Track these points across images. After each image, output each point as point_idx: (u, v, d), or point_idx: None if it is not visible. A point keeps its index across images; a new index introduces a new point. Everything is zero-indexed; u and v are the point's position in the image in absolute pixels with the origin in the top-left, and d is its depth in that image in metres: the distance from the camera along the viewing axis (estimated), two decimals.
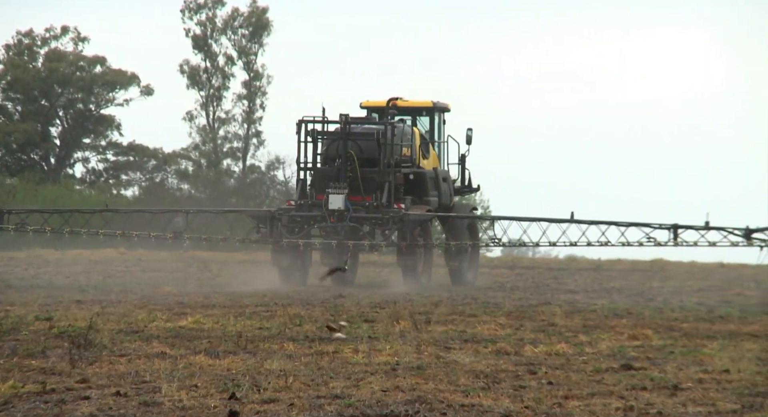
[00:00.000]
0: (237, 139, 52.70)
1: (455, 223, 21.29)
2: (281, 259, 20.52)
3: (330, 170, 20.40)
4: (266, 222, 20.56)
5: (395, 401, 7.31)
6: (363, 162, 20.30)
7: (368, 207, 20.21)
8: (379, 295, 16.46)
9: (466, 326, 11.79)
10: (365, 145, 20.39)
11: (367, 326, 11.67)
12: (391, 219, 20.12)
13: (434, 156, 22.22)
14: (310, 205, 20.31)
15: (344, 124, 20.37)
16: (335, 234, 20.07)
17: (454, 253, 21.12)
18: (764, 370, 8.79)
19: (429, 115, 22.36)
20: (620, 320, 12.62)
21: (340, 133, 20.37)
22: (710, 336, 11.14)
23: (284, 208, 20.65)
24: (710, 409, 7.18)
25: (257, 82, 52.33)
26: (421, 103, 22.35)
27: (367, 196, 20.16)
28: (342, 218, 20.00)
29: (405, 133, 21.05)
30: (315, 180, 20.60)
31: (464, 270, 21.45)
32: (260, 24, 52.03)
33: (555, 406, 7.24)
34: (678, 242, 20.10)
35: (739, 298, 16.95)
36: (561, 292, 18.12)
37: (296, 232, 20.32)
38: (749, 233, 20.02)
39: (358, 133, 20.46)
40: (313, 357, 9.29)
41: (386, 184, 20.32)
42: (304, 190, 20.50)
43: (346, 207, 20.05)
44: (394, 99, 21.83)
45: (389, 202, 20.28)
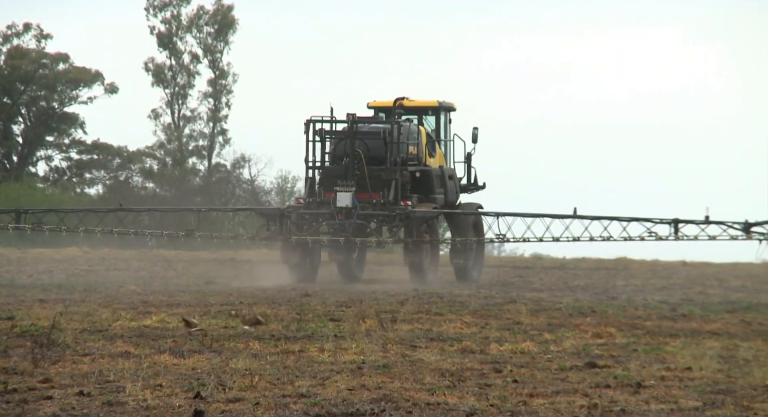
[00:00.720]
0: (202, 137, 52.44)
1: (461, 220, 21.62)
2: (290, 256, 20.92)
3: (338, 169, 20.80)
4: (276, 220, 20.91)
5: (361, 400, 7.31)
6: (370, 160, 20.73)
7: (375, 204, 20.65)
8: (345, 294, 16.45)
9: (432, 325, 11.82)
10: (372, 144, 20.80)
11: (333, 325, 11.66)
12: (398, 216, 20.53)
13: (440, 154, 22.63)
14: (318, 202, 20.72)
15: (351, 123, 20.76)
16: (343, 231, 20.43)
17: (460, 251, 21.47)
18: (725, 367, 8.89)
19: (435, 114, 22.79)
20: (585, 318, 12.71)
21: (348, 132, 20.77)
22: (673, 334, 11.25)
23: (293, 206, 21.08)
24: (672, 406, 7.25)
25: (223, 81, 52.08)
26: (427, 103, 22.78)
27: (374, 193, 20.61)
28: (350, 215, 20.41)
29: (411, 132, 21.44)
30: (323, 178, 20.99)
31: (469, 267, 21.72)
32: (225, 22, 51.78)
33: (520, 404, 7.27)
34: (679, 236, 20.46)
35: (701, 296, 17.12)
36: (526, 290, 18.21)
37: (305, 229, 20.69)
38: (748, 227, 20.38)
39: (366, 132, 20.88)
40: (278, 356, 9.27)
41: (393, 181, 20.74)
42: (312, 188, 20.92)
43: (354, 204, 20.46)
44: (401, 99, 22.33)
45: (396, 200, 20.71)
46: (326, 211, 20.60)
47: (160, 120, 52.30)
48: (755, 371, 8.52)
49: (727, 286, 19.81)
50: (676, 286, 19.83)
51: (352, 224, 20.39)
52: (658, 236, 20.46)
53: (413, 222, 20.66)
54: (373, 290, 17.58)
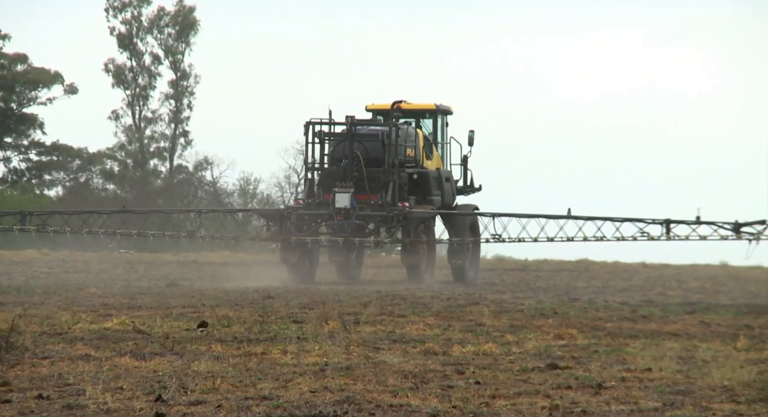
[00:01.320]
0: (164, 139, 52.09)
1: (458, 221, 22.05)
2: (290, 256, 21.25)
3: (336, 170, 21.17)
4: (276, 220, 21.30)
5: (324, 402, 7.30)
6: (368, 162, 21.15)
7: (374, 205, 21.03)
8: (308, 296, 16.42)
9: (395, 326, 11.83)
10: (370, 146, 21.23)
11: (295, 327, 11.64)
12: (396, 217, 20.95)
13: (437, 157, 23.07)
14: (317, 203, 21.11)
15: (350, 125, 21.13)
16: (342, 231, 20.80)
17: (457, 251, 21.87)
18: (685, 368, 8.99)
19: (432, 117, 23.24)
20: (546, 320, 12.78)
21: (347, 135, 21.12)
22: (633, 335, 11.35)
23: (293, 207, 21.48)
24: (633, 407, 7.31)
25: (184, 82, 51.79)
26: (425, 106, 23.20)
27: (372, 195, 20.99)
28: (348, 216, 20.77)
29: (409, 135, 21.84)
30: (322, 179, 21.39)
31: (466, 268, 22.28)
32: (187, 23, 51.49)
33: (482, 406, 7.31)
34: (670, 236, 20.95)
35: (661, 297, 17.29)
36: (488, 292, 18.29)
37: (304, 229, 21.06)
38: (738, 227, 20.90)
39: (364, 135, 21.28)
40: (241, 358, 9.23)
41: (391, 183, 21.15)
42: (311, 189, 21.31)
43: (353, 205, 20.82)
44: (399, 102, 22.78)
45: (394, 201, 21.12)
46: (325, 212, 20.97)
47: (120, 121, 51.93)
48: (714, 372, 8.62)
49: (686, 288, 20.03)
50: (636, 287, 20.03)
51: (350, 225, 20.75)
52: (650, 236, 20.96)
53: (411, 223, 21.10)
54: (336, 292, 17.57)
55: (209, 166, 51.35)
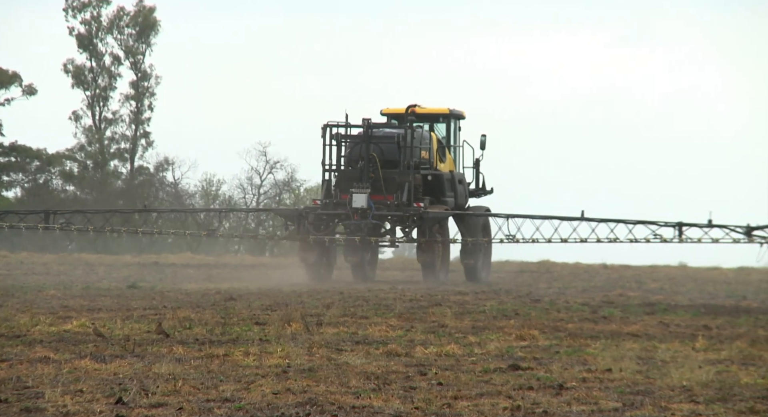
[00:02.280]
0: (124, 139, 51.66)
1: (471, 222, 22.84)
2: (308, 255, 22.03)
3: (353, 171, 22.00)
4: (294, 220, 22.08)
5: (286, 404, 7.28)
6: (384, 164, 21.99)
7: (390, 205, 21.86)
8: (270, 298, 16.37)
9: (358, 328, 11.83)
10: (386, 148, 22.05)
11: (258, 329, 11.59)
12: (411, 217, 21.72)
13: (450, 160, 23.94)
14: (335, 204, 21.89)
15: (367, 128, 21.92)
16: (359, 231, 21.53)
17: (470, 252, 22.71)
18: (644, 368, 9.07)
19: (445, 121, 24.43)
20: (508, 321, 12.85)
21: (364, 137, 21.95)
22: (594, 336, 11.44)
23: (310, 207, 22.24)
24: (593, 407, 7.37)
25: (145, 83, 51.41)
26: (438, 110, 24.07)
27: (388, 195, 21.84)
28: (365, 216, 21.57)
29: (424, 138, 22.70)
30: (339, 180, 22.18)
31: (479, 267, 23.22)
32: (147, 23, 51.11)
33: (444, 407, 7.33)
34: (683, 239, 21.59)
35: (621, 298, 17.44)
36: (451, 293, 18.34)
37: (322, 229, 21.80)
38: (750, 231, 21.49)
39: (380, 137, 22.13)
40: (203, 360, 9.18)
41: (406, 184, 21.97)
42: (329, 190, 22.07)
43: (369, 205, 21.60)
44: (413, 106, 23.59)
45: (409, 201, 21.95)
46: (342, 212, 21.69)
47: (80, 122, 51.44)
48: (673, 372, 8.71)
49: (646, 289, 20.23)
50: (596, 288, 20.19)
51: (367, 224, 21.47)
52: (663, 238, 21.57)
53: (426, 222, 21.85)
54: (299, 294, 17.53)
55: (170, 167, 51.06)
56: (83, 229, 22.48)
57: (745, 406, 7.48)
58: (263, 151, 49.53)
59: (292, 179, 49.99)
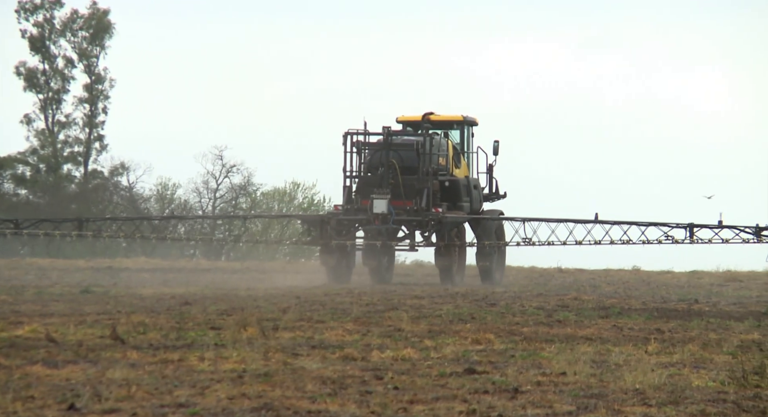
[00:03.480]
0: (78, 143, 51.11)
1: (486, 226, 23.78)
2: (329, 259, 22.85)
3: (373, 178, 22.90)
4: (317, 225, 22.98)
5: (242, 409, 7.25)
6: (403, 170, 22.91)
7: (409, 211, 22.80)
8: (226, 302, 16.28)
9: (314, 332, 11.81)
10: (405, 155, 22.94)
11: (213, 333, 11.52)
12: (430, 221, 22.61)
13: (465, 165, 24.94)
14: (356, 209, 22.77)
15: (386, 135, 22.83)
16: (379, 235, 22.44)
17: (485, 254, 23.55)
18: (598, 372, 9.15)
19: (459, 128, 25.02)
20: (464, 325, 12.90)
21: (383, 144, 22.84)
22: (549, 340, 11.52)
23: (332, 213, 23.09)
24: (548, 411, 7.43)
25: (99, 86, 50.90)
26: (453, 118, 24.94)
27: (407, 201, 22.75)
28: (386, 221, 22.44)
29: (441, 145, 23.60)
30: (360, 187, 23.05)
31: (493, 269, 23.74)
32: (101, 26, 50.63)
33: (400, 411, 7.34)
34: (694, 240, 22.24)
35: (575, 302, 17.58)
36: (408, 297, 18.37)
37: (343, 234, 22.68)
38: (759, 231, 22.16)
39: (399, 144, 23.01)
40: (157, 365, 9.11)
41: (425, 190, 22.85)
42: (350, 196, 22.96)
43: (389, 211, 22.48)
44: (429, 113, 24.52)
45: (428, 207, 22.82)
46: (363, 217, 22.56)
47: (33, 125, 50.77)
48: (626, 375, 8.80)
49: (600, 292, 20.39)
50: (551, 292, 20.31)
51: (387, 229, 22.35)
52: (675, 240, 22.22)
53: (445, 227, 22.77)
54: (255, 298, 17.45)
55: (125, 171, 50.60)
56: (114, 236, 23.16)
57: (697, 408, 7.58)
58: (219, 155, 49.32)
59: (249, 183, 49.81)
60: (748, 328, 13.28)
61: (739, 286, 23.54)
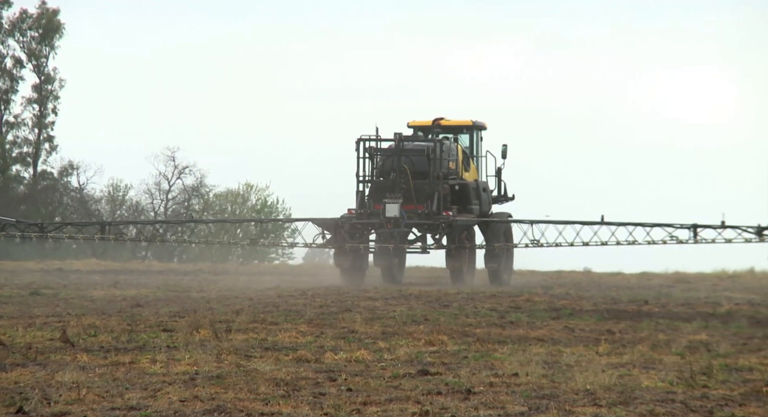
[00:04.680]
0: (27, 144, 50.39)
1: (494, 228, 24.34)
2: (343, 261, 23.44)
3: (386, 182, 23.43)
4: (331, 229, 23.50)
5: (194, 411, 7.21)
6: (415, 175, 23.42)
7: (420, 214, 23.34)
8: (178, 304, 16.16)
9: (267, 334, 11.77)
10: (417, 160, 23.44)
11: (165, 335, 11.44)
12: (441, 224, 23.17)
13: (474, 169, 25.48)
14: (368, 213, 23.32)
15: (398, 141, 23.40)
16: (391, 238, 23.04)
17: (494, 256, 24.10)
18: (550, 373, 9.23)
19: (469, 132, 25.58)
20: (418, 326, 12.93)
21: (395, 150, 23.38)
22: (501, 341, 11.59)
23: (346, 216, 23.52)
24: (500, 411, 7.47)
25: (49, 86, 50.26)
26: (462, 122, 25.52)
27: (419, 204, 23.29)
28: (398, 224, 23.05)
29: (451, 149, 24.13)
30: (372, 191, 23.58)
31: (501, 271, 24.27)
32: (51, 26, 50.01)
33: (354, 413, 7.34)
34: (698, 240, 22.71)
35: (528, 304, 17.70)
36: (361, 299, 18.37)
37: (357, 237, 23.28)
38: (761, 231, 22.55)
39: (410, 150, 23.54)
40: (108, 368, 9.02)
41: (436, 194, 23.39)
42: (363, 200, 23.50)
43: (401, 214, 23.09)
44: (439, 119, 25.21)
45: (439, 210, 23.39)
46: (376, 221, 23.14)
47: None
48: (577, 376, 8.88)
49: (552, 294, 20.55)
50: (504, 293, 20.43)
51: (400, 232, 23.00)
52: (679, 240, 22.74)
53: (455, 230, 23.33)
54: (208, 300, 17.35)
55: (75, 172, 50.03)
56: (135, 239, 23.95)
57: (646, 409, 7.68)
58: (172, 156, 48.95)
59: (202, 184, 49.47)
60: (696, 329, 13.47)
61: (688, 288, 23.87)
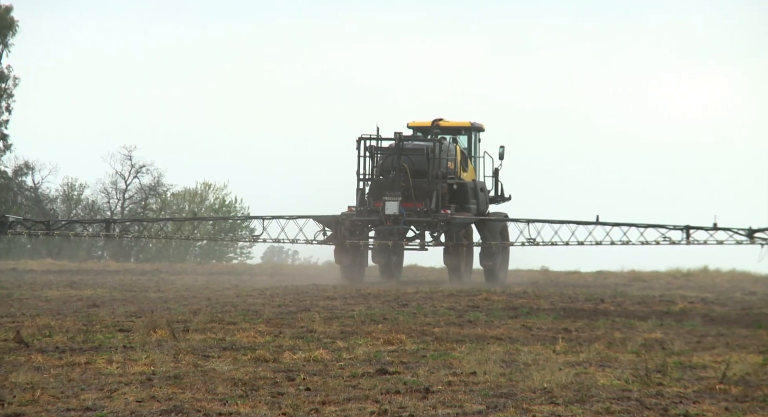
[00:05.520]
0: None
1: (491, 227, 24.84)
2: (343, 257, 23.82)
3: (385, 181, 23.80)
4: (331, 225, 23.87)
5: (150, 412, 7.16)
6: (414, 173, 23.84)
7: (419, 212, 23.78)
8: (135, 304, 16.03)
9: (226, 334, 11.71)
10: (416, 159, 23.88)
11: (122, 336, 11.34)
12: (439, 222, 23.65)
13: (472, 169, 25.91)
14: (368, 211, 23.69)
15: (398, 141, 23.81)
16: (390, 235, 23.45)
17: (489, 255, 24.61)
18: (507, 371, 9.29)
19: (467, 133, 26.03)
20: (377, 326, 12.94)
21: (395, 149, 23.80)
22: (459, 340, 11.64)
23: (346, 214, 23.92)
24: (458, 410, 7.51)
25: (2, 84, 49.58)
26: (460, 124, 25.97)
27: (418, 203, 23.77)
28: (397, 222, 23.44)
29: (449, 149, 24.57)
30: (372, 189, 23.95)
31: (497, 269, 24.82)
32: (4, 24, 49.32)
33: (312, 412, 7.34)
34: (690, 241, 23.29)
35: (486, 303, 17.79)
36: (320, 298, 18.35)
37: (357, 234, 23.67)
38: (752, 233, 23.12)
39: (410, 149, 23.97)
40: (63, 368, 8.93)
41: (434, 192, 23.82)
42: (363, 198, 23.91)
43: (401, 212, 23.49)
44: (438, 120, 25.70)
45: (437, 208, 23.82)
46: (376, 218, 23.52)
47: None
48: (534, 375, 8.95)
49: (509, 293, 20.67)
50: (462, 293, 20.51)
51: (399, 229, 23.38)
52: (672, 241, 23.32)
53: (453, 228, 23.77)
54: (165, 300, 17.23)
55: (30, 171, 49.41)
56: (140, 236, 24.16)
57: (602, 407, 7.75)
58: (128, 155, 48.51)
59: (159, 184, 49.09)
60: (652, 328, 13.62)
61: (643, 286, 24.13)
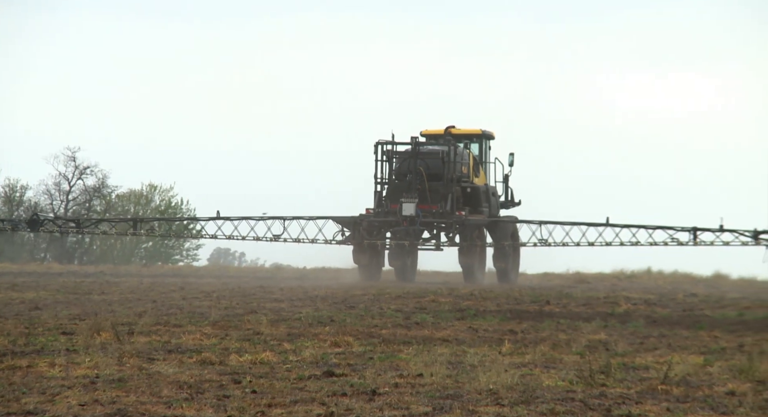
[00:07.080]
0: None
1: (503, 229, 26.11)
2: (361, 257, 25.13)
3: (402, 184, 25.26)
4: (350, 226, 25.19)
5: (94, 415, 7.08)
6: (430, 177, 25.19)
7: (435, 214, 25.05)
8: (79, 307, 15.83)
9: (171, 336, 11.61)
10: (431, 163, 25.23)
11: (65, 338, 11.19)
12: (454, 223, 25.04)
13: (483, 175, 27.29)
14: (386, 212, 25.08)
15: (414, 145, 25.22)
16: (406, 236, 24.70)
17: (502, 256, 25.90)
18: (454, 373, 9.34)
19: (478, 141, 27.33)
20: (324, 328, 12.93)
21: (411, 153, 25.23)
22: (406, 342, 11.67)
23: (364, 215, 25.22)
24: (405, 412, 7.53)
25: None
26: (472, 131, 27.23)
27: (433, 205, 25.02)
28: (413, 223, 24.75)
29: (463, 154, 26.04)
30: (389, 192, 25.36)
31: (509, 270, 26.11)
32: None
33: (258, 415, 7.31)
34: (697, 242, 24.18)
35: (433, 304, 17.86)
36: (267, 300, 18.27)
37: (374, 234, 24.95)
38: (757, 234, 24.07)
39: (426, 153, 25.37)
40: (4, 372, 8.78)
41: (449, 195, 25.16)
42: (380, 200, 25.32)
43: (417, 214, 24.78)
44: (450, 127, 26.96)
45: (452, 210, 25.14)
46: (393, 220, 24.86)
47: None
48: (481, 376, 9.01)
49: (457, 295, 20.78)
50: (410, 294, 20.58)
51: (414, 230, 24.59)
52: (679, 242, 24.26)
53: (467, 229, 25.08)
54: (109, 302, 17.03)
55: None
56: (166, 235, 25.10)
57: (547, 407, 7.83)
58: (72, 157, 47.86)
59: (104, 185, 48.51)
60: (596, 329, 13.78)
61: (588, 288, 24.40)
